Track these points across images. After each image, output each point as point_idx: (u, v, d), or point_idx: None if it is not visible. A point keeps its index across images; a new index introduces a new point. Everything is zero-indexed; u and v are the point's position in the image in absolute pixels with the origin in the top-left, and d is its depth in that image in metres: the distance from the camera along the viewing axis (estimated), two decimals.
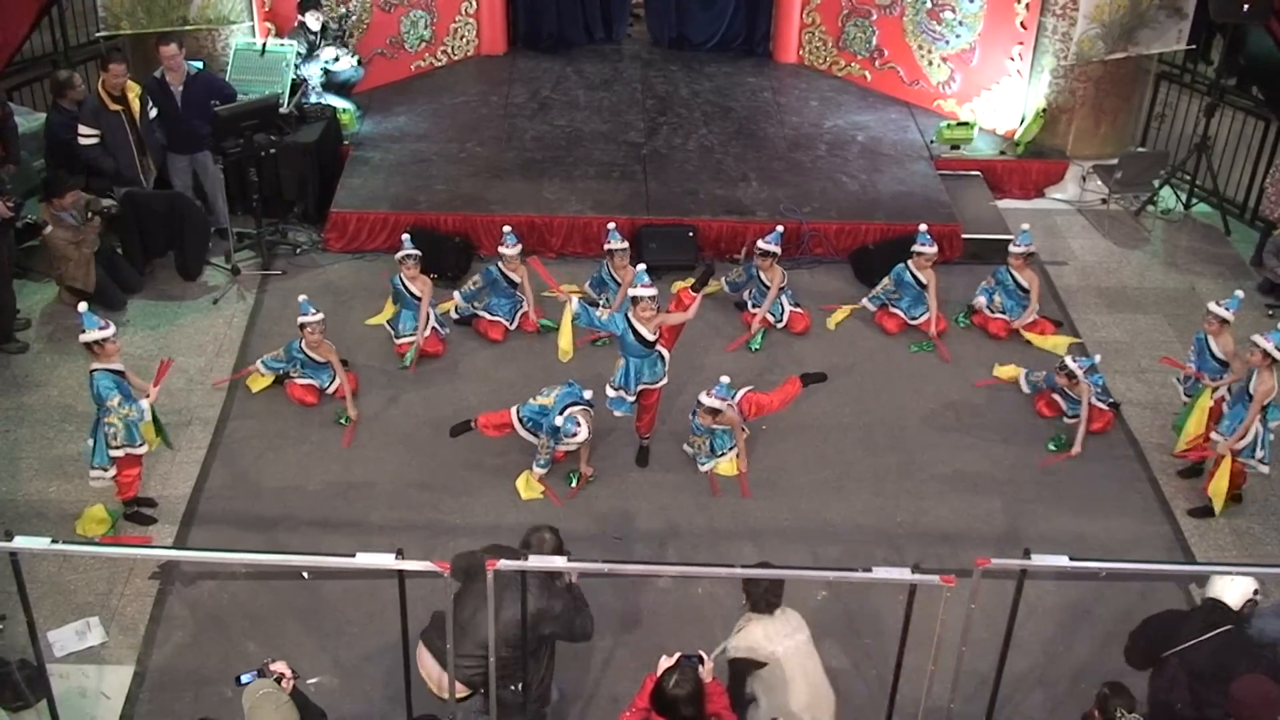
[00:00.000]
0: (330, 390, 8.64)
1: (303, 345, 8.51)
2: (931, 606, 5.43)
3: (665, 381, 8.06)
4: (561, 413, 7.64)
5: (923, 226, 9.48)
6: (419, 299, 9.00)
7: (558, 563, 5.50)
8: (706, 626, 6.99)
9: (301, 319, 8.43)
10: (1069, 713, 6.48)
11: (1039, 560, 5.51)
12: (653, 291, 7.71)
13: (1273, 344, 7.51)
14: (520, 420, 7.91)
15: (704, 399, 7.76)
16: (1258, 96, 11.63)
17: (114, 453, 7.33)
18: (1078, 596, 7.35)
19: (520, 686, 5.84)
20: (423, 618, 6.29)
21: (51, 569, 7.23)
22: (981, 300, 9.66)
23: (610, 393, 7.98)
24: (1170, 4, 11.18)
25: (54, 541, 5.48)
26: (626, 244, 9.36)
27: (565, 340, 8.13)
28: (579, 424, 7.60)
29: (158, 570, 7.27)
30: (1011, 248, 9.49)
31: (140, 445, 7.40)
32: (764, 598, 5.90)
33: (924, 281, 9.44)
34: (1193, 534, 7.89)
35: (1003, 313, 9.58)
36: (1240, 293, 8.16)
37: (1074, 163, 11.86)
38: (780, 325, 9.55)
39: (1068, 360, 8.44)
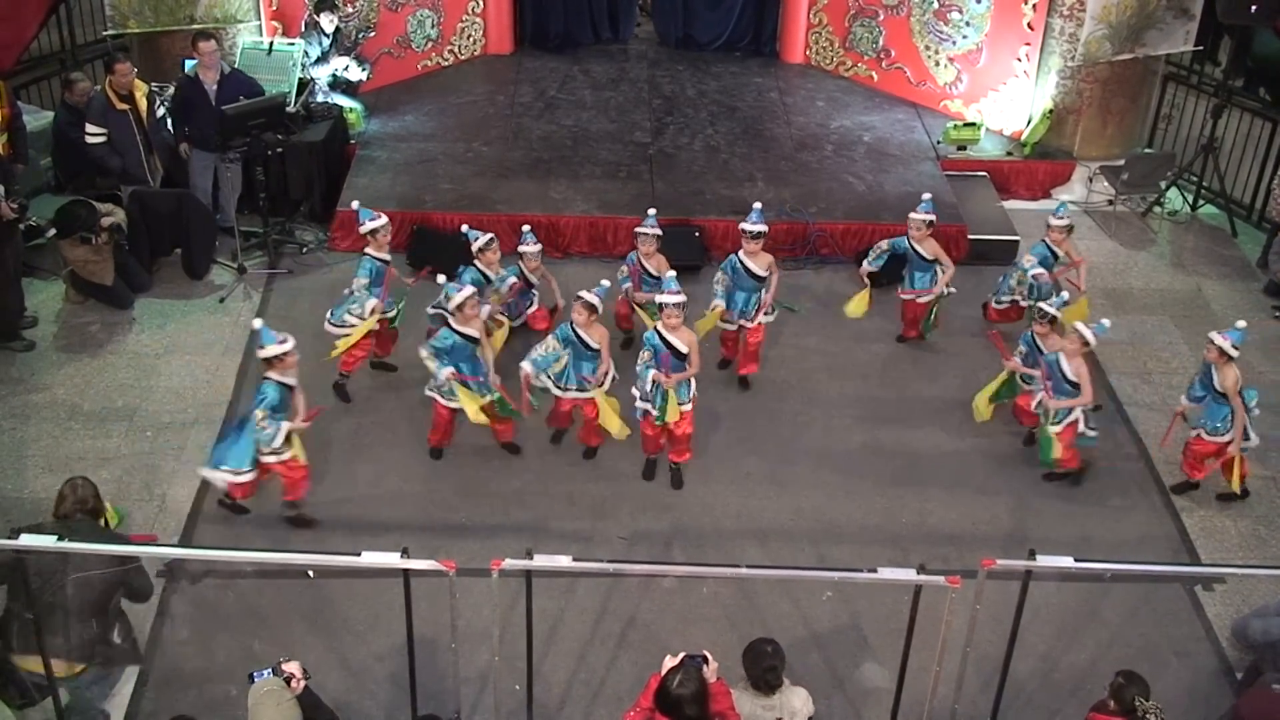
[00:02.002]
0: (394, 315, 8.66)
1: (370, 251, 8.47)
2: (937, 607, 5.43)
3: (690, 408, 7.93)
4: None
5: (926, 195, 9.16)
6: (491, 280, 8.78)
7: (562, 563, 5.50)
8: (711, 626, 7.00)
9: (369, 225, 8.49)
10: (1074, 713, 6.47)
11: (1044, 561, 5.51)
12: (680, 299, 7.66)
13: (1230, 342, 7.67)
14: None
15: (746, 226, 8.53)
16: (1265, 97, 11.61)
17: (264, 459, 7.32)
18: (1083, 598, 7.33)
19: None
20: (428, 617, 6.31)
21: None
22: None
23: (638, 403, 7.88)
24: (1177, 5, 11.18)
25: (60, 539, 5.50)
26: (659, 231, 8.81)
27: None
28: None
29: (163, 568, 7.28)
30: (1052, 219, 9.06)
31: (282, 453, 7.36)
32: (763, 677, 5.57)
33: (925, 255, 9.07)
34: (1198, 536, 7.88)
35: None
36: (1106, 321, 7.97)
37: (1081, 164, 11.86)
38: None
39: (1044, 305, 8.16)
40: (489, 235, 8.75)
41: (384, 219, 8.57)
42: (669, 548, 7.66)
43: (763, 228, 8.61)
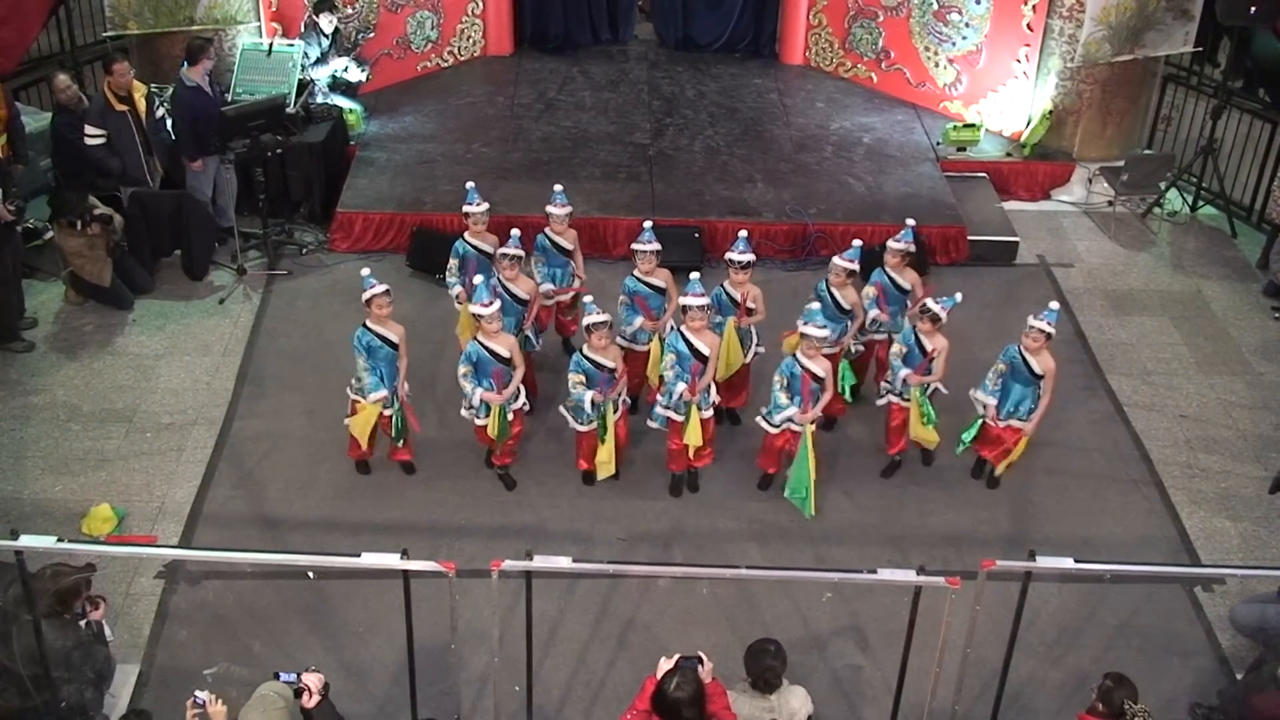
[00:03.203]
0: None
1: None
2: (937, 608, 5.43)
3: (710, 414, 7.84)
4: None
5: (856, 242, 8.26)
6: (528, 301, 8.18)
7: (562, 564, 5.50)
8: (711, 628, 7.00)
9: (465, 207, 8.50)
10: (1073, 715, 6.46)
11: (1044, 562, 5.51)
12: (704, 300, 7.57)
13: (1050, 323, 7.48)
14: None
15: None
16: (1264, 99, 11.61)
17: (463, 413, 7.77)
18: (1083, 599, 7.33)
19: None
20: (427, 618, 6.31)
21: None
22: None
23: (660, 410, 7.78)
24: (1177, 6, 11.18)
25: (59, 540, 5.50)
26: (658, 245, 8.16)
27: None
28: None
29: (163, 569, 7.29)
30: (891, 242, 8.25)
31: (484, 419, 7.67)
32: (763, 675, 5.61)
33: (843, 303, 8.16)
34: (1198, 537, 7.88)
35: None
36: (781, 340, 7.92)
37: (1080, 165, 11.85)
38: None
39: (929, 302, 7.71)
40: (519, 253, 8.08)
41: (482, 205, 8.45)
42: (668, 549, 7.66)
43: (750, 257, 8.04)
